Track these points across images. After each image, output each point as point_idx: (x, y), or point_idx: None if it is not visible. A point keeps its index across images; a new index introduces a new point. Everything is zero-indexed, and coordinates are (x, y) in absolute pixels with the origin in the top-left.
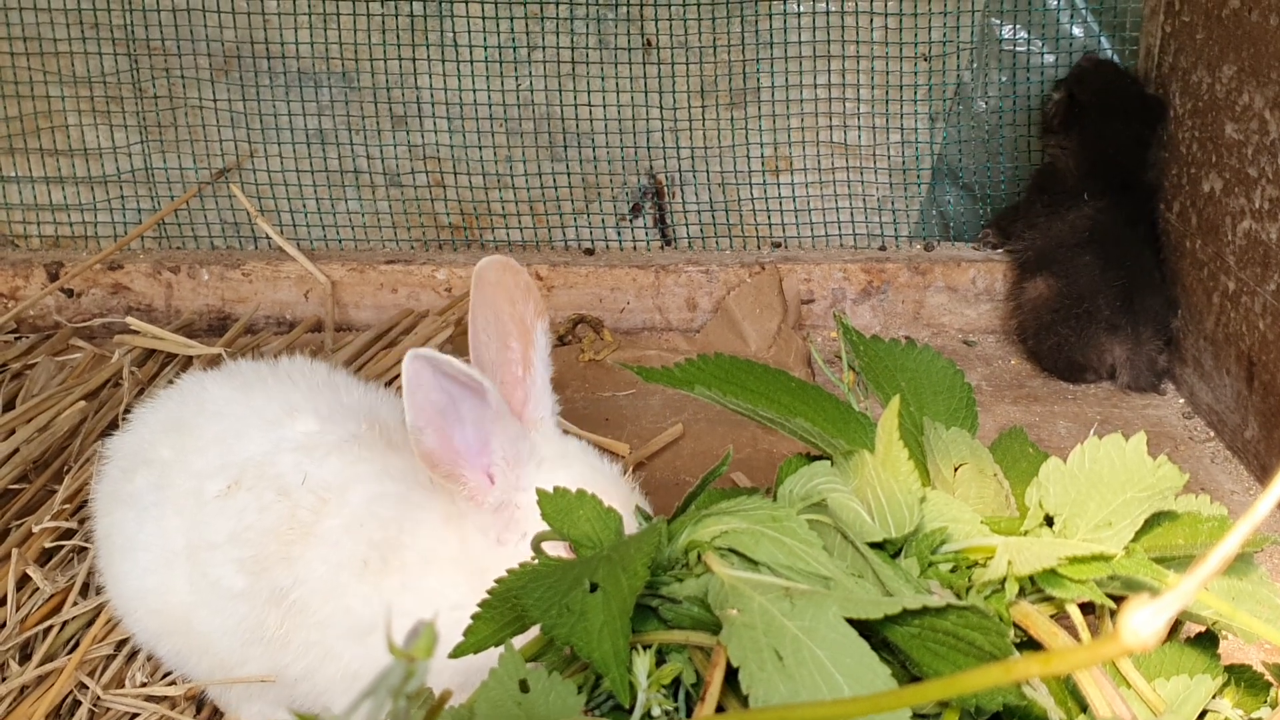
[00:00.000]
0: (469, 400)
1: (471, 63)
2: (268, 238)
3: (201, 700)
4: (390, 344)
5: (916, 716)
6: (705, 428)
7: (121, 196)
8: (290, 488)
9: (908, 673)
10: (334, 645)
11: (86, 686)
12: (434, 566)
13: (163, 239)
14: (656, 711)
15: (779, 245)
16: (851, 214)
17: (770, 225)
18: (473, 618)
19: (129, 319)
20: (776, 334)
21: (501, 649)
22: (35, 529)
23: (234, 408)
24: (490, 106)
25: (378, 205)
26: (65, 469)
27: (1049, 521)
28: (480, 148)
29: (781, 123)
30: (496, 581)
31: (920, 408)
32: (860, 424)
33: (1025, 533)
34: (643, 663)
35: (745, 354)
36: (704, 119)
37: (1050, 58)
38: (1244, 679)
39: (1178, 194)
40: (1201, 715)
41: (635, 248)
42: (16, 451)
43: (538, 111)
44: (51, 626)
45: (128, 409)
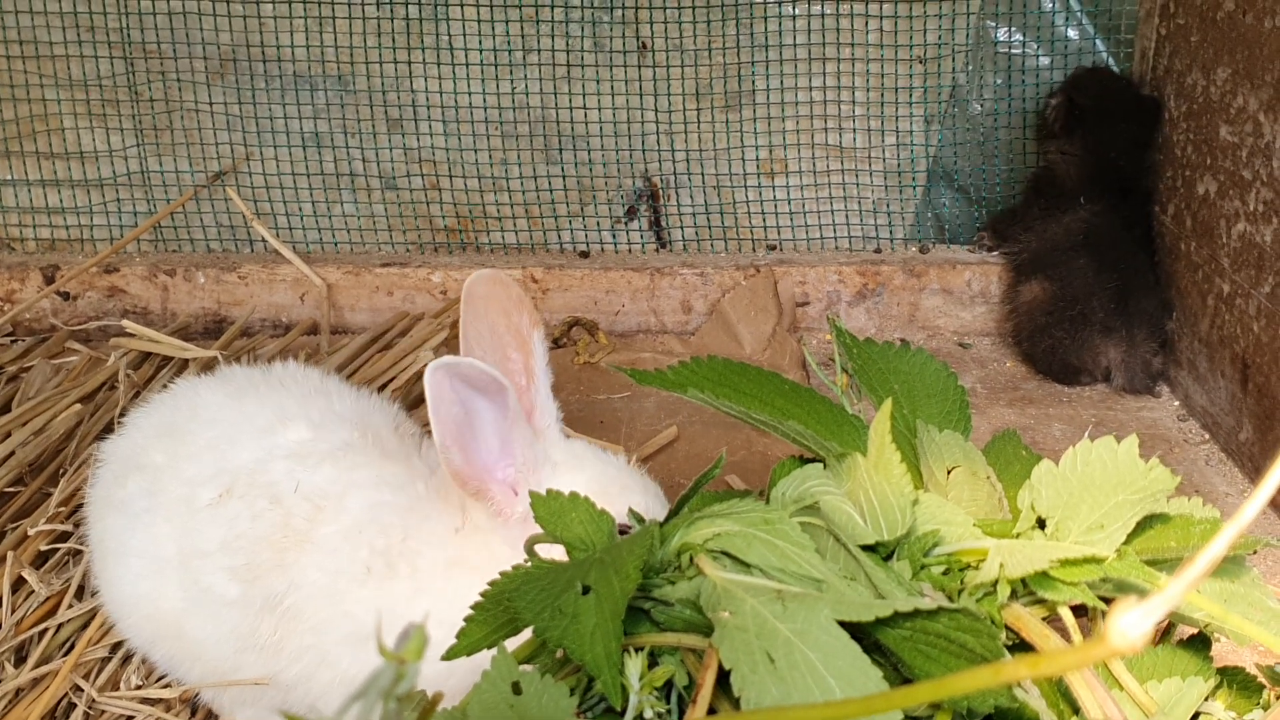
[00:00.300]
0: (486, 408)
1: (467, 65)
2: (263, 241)
3: (196, 703)
4: (385, 347)
5: (908, 719)
6: (700, 430)
7: (118, 199)
8: (283, 495)
9: (900, 675)
10: (330, 651)
11: (81, 689)
12: (453, 572)
13: (159, 242)
14: (649, 714)
15: (774, 248)
16: (847, 216)
17: (765, 228)
18: (465, 620)
19: (124, 322)
20: (771, 337)
21: (494, 651)
22: (31, 532)
23: (226, 414)
24: (485, 109)
25: (373, 208)
26: (61, 472)
27: (1041, 524)
28: (475, 150)
29: (776, 125)
30: (490, 584)
31: (914, 410)
32: (853, 427)
33: (1017, 535)
34: (634, 665)
35: (740, 357)
36: (699, 121)
37: (1045, 60)
38: (1237, 681)
39: (1173, 196)
40: (1194, 717)
41: (630, 250)
42: (12, 454)
43: (533, 114)
44: (47, 629)
45: (123, 412)
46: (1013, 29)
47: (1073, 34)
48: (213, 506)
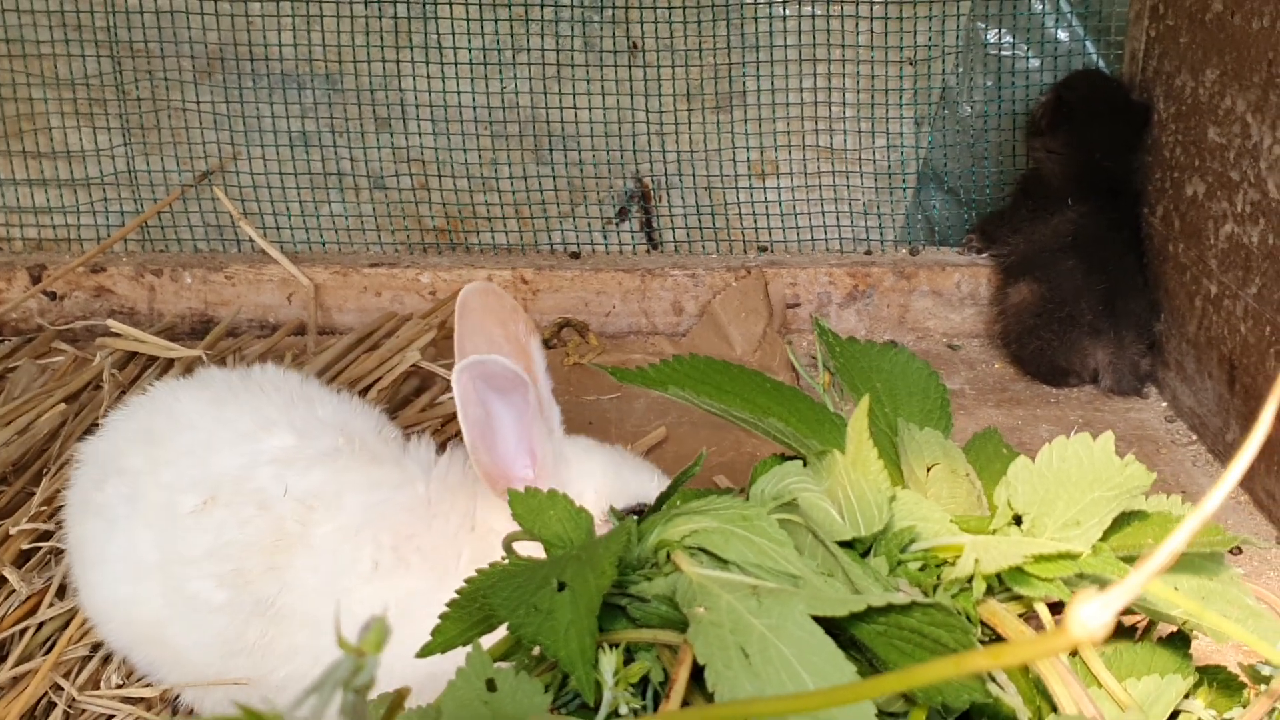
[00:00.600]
0: (504, 408)
1: (456, 65)
2: (251, 241)
3: (177, 704)
4: (372, 347)
5: (884, 715)
6: (689, 431)
7: (105, 199)
8: (271, 501)
9: (875, 670)
10: (327, 651)
11: (62, 688)
12: (473, 569)
13: (146, 242)
14: (624, 709)
15: (765, 249)
16: (837, 218)
17: (756, 229)
18: (441, 618)
19: (109, 321)
20: (762, 338)
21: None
22: (13, 531)
23: (206, 420)
24: (475, 109)
25: (361, 208)
26: (44, 471)
27: (1018, 520)
28: (465, 150)
29: (768, 126)
30: (466, 581)
31: (895, 409)
32: (835, 425)
33: (994, 532)
34: (609, 661)
35: (731, 358)
36: (690, 122)
37: (1035, 62)
38: (1219, 680)
39: (1161, 198)
40: (1174, 716)
41: (622, 251)
42: None
43: (523, 114)
44: (27, 628)
45: (108, 412)
46: (1003, 31)
47: (1063, 36)
48: (196, 514)
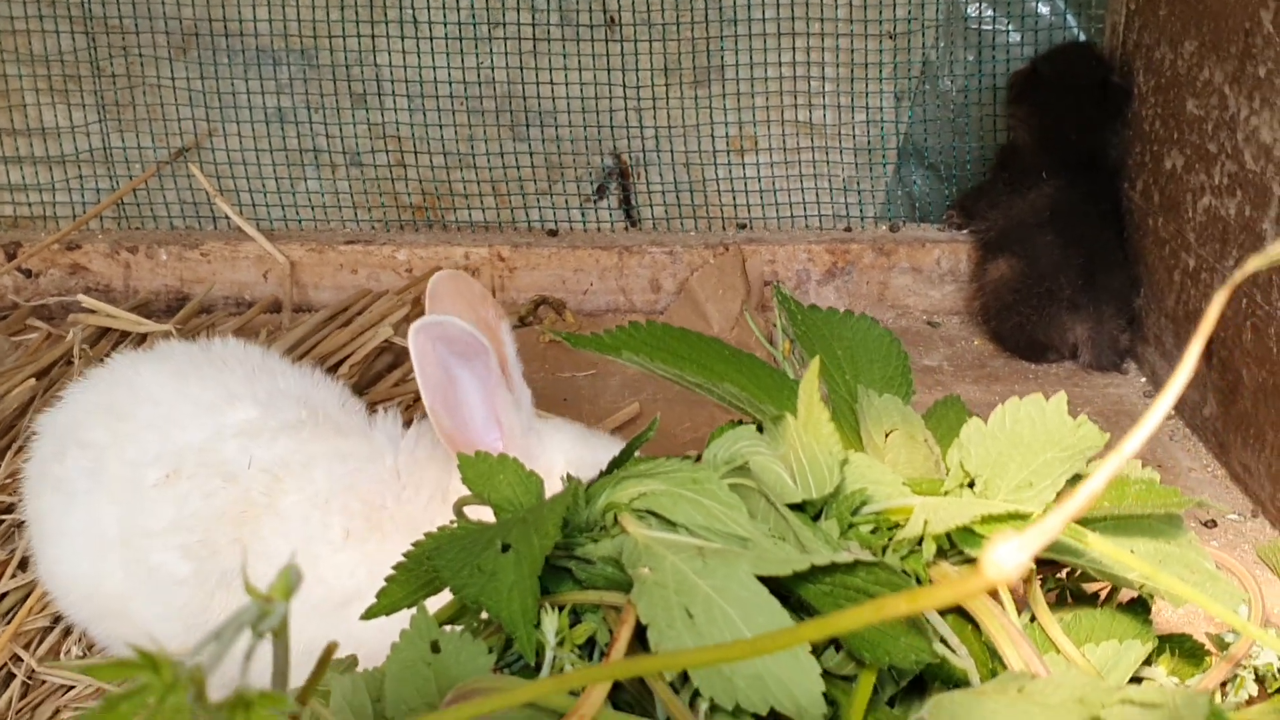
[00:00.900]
0: (468, 375)
1: (431, 40)
2: (227, 218)
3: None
4: (345, 323)
5: (834, 677)
6: (663, 407)
7: (80, 176)
8: (237, 473)
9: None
10: (296, 618)
11: (21, 659)
12: None
13: (121, 219)
14: (568, 670)
15: (744, 226)
16: (817, 194)
17: (735, 206)
18: (387, 580)
19: (81, 297)
20: (739, 315)
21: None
22: None
23: (167, 394)
24: (451, 85)
25: (338, 185)
26: (11, 446)
27: (972, 484)
28: (441, 126)
29: (746, 102)
30: (414, 544)
31: (856, 376)
32: (793, 390)
33: (946, 494)
34: (552, 621)
35: (708, 335)
36: (668, 98)
37: (1017, 36)
38: (1183, 648)
39: (1141, 172)
40: (1136, 682)
41: (600, 229)
42: None
43: (499, 90)
44: None
45: None
46: (984, 4)
47: (1044, 10)
48: (160, 487)
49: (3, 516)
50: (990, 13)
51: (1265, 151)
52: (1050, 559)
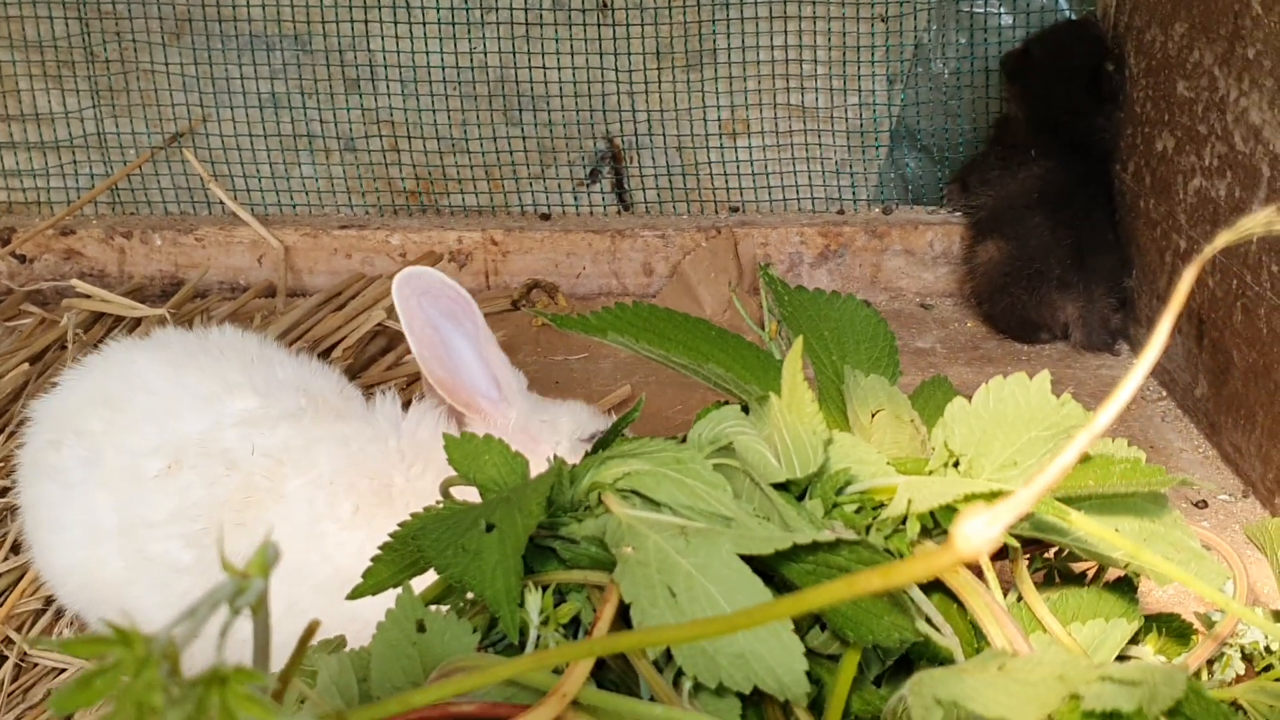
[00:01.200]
0: (458, 334)
1: (425, 25)
2: (221, 203)
3: None
4: (339, 307)
5: (819, 657)
6: (655, 390)
7: (74, 161)
8: (239, 460)
9: (808, 613)
10: (302, 599)
11: (13, 641)
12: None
13: (115, 204)
14: (553, 648)
15: (736, 209)
16: (810, 177)
17: (728, 189)
18: (373, 560)
19: (75, 281)
20: (732, 298)
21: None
22: None
23: (165, 384)
24: (444, 70)
25: (331, 170)
26: (4, 430)
27: (958, 464)
28: (435, 111)
29: (739, 85)
30: (400, 525)
31: (843, 356)
32: (778, 371)
33: (930, 473)
34: (535, 600)
35: (701, 318)
36: (660, 82)
37: (1009, 19)
38: (1171, 628)
39: (1132, 154)
40: (1123, 661)
41: (593, 213)
42: None
43: (493, 75)
44: None
45: None
46: None
47: None
48: (161, 478)
49: None
50: None
51: (1255, 133)
52: (1036, 538)
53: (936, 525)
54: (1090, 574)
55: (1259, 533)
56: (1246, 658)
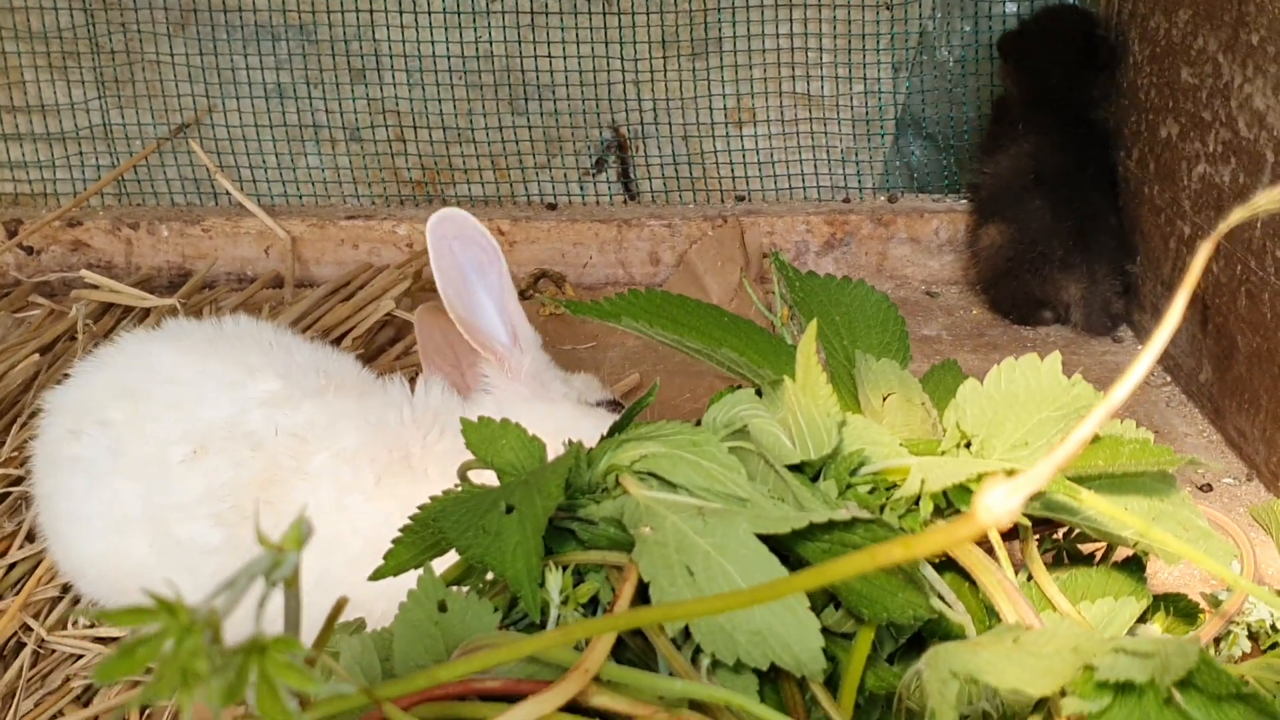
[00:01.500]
0: (481, 282)
1: (430, 15)
2: (227, 194)
3: None
4: (347, 297)
5: (834, 635)
6: (663, 378)
7: (80, 153)
8: (264, 440)
9: (823, 590)
10: (331, 571)
11: (31, 628)
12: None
13: (122, 195)
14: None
15: (742, 198)
16: (815, 166)
17: (734, 178)
18: (394, 542)
19: (84, 272)
20: (739, 287)
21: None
22: None
23: (187, 373)
24: (450, 59)
25: (338, 160)
26: (16, 421)
27: (969, 444)
28: (440, 101)
29: (744, 73)
30: (420, 508)
31: (854, 341)
32: (790, 355)
33: (943, 454)
34: (556, 580)
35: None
36: (666, 71)
37: (1013, 6)
38: (1178, 607)
39: (1136, 141)
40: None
41: (599, 202)
42: None
43: (498, 64)
44: None
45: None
46: None
47: None
48: (187, 463)
49: (9, 490)
50: None
51: (1259, 119)
52: (1047, 518)
53: (949, 505)
54: (1098, 555)
55: (1264, 514)
56: (1252, 635)
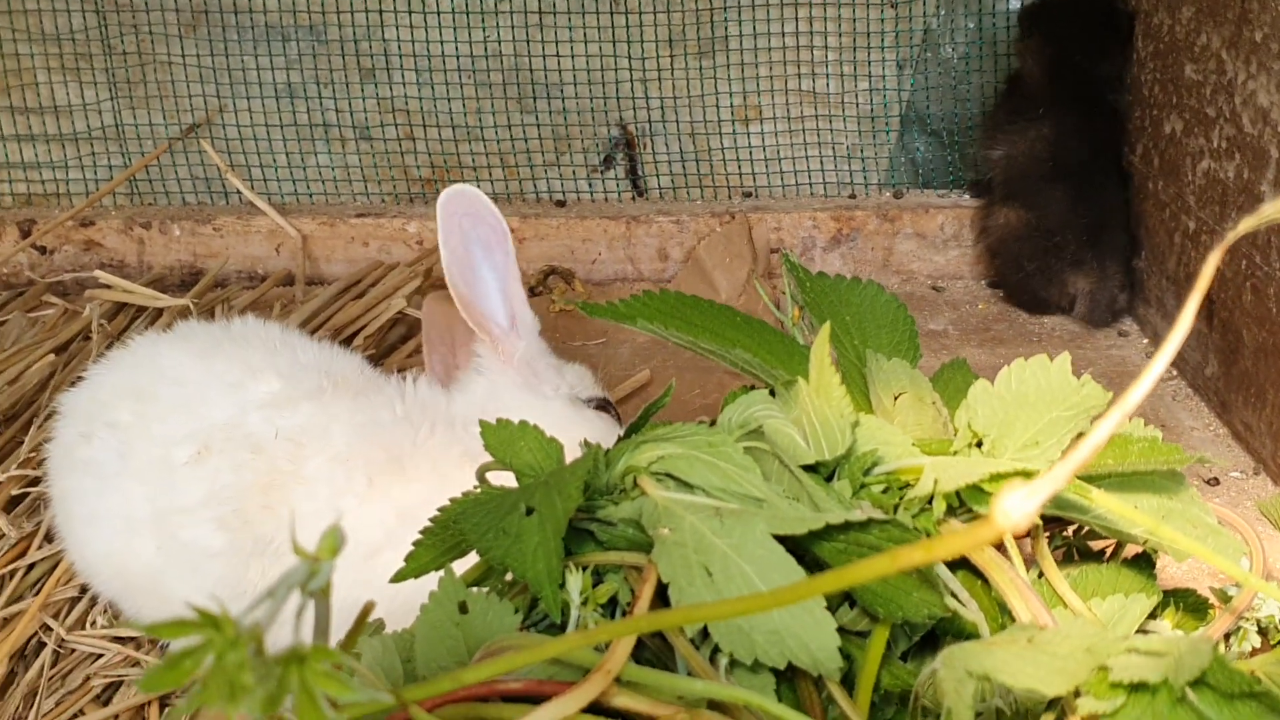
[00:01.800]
0: (486, 261)
1: (439, 14)
2: (238, 193)
3: (166, 642)
4: (358, 296)
5: (849, 634)
6: (674, 374)
7: (93, 153)
8: (263, 443)
9: (841, 590)
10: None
11: (51, 628)
12: (466, 463)
13: (134, 195)
14: (591, 627)
15: (749, 195)
16: (821, 162)
17: (741, 175)
18: (414, 544)
19: (97, 272)
20: (746, 282)
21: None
22: (2, 478)
23: (194, 374)
24: (459, 59)
25: (348, 159)
26: (34, 420)
27: (980, 444)
28: (449, 100)
29: (750, 71)
30: (440, 510)
31: (864, 341)
32: (803, 356)
33: (955, 453)
34: (576, 581)
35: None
36: (673, 69)
37: (1017, 3)
38: (1187, 603)
39: (1141, 136)
40: (1142, 634)
41: (607, 199)
42: None
43: (506, 63)
44: (16, 570)
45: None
46: None
47: None
48: (190, 465)
49: (27, 490)
50: None
51: (1262, 115)
52: (1057, 516)
53: (961, 505)
54: (1108, 551)
55: (1272, 508)
56: (1262, 631)
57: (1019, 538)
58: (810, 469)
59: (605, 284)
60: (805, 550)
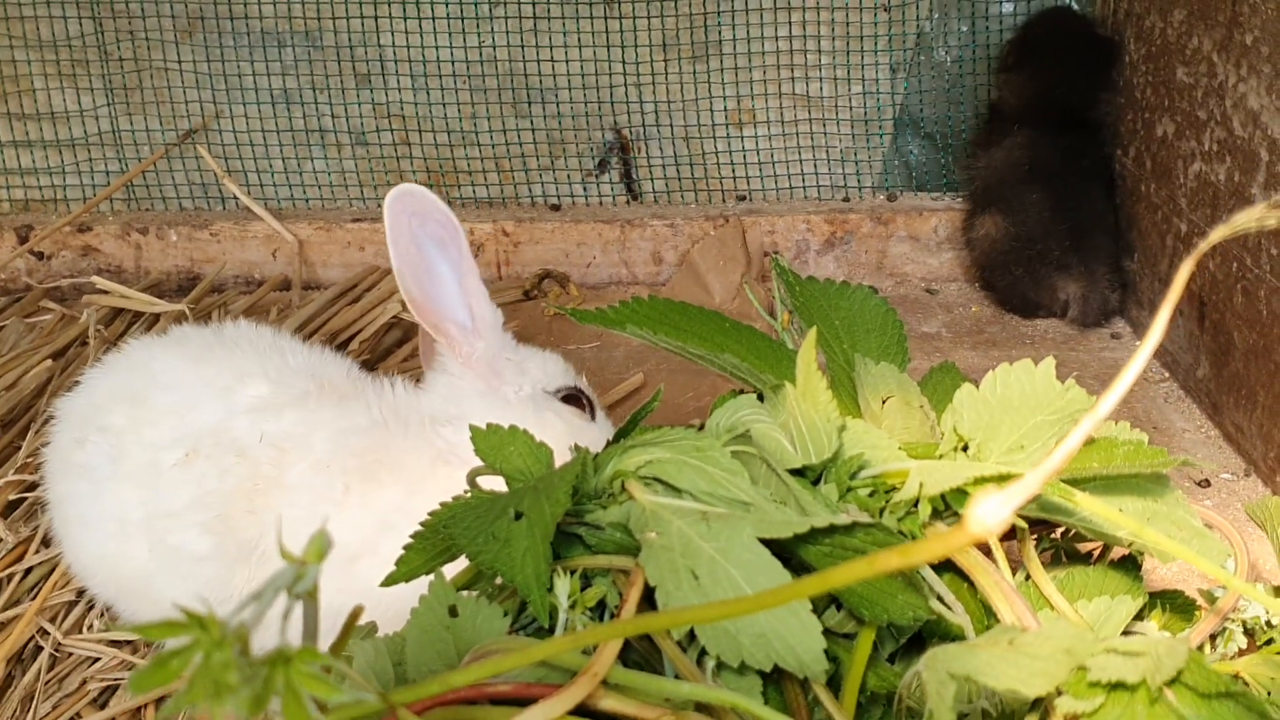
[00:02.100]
0: (443, 261)
1: (434, 19)
2: (235, 198)
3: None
4: (354, 300)
5: (836, 636)
6: (667, 377)
7: (90, 159)
8: (248, 448)
9: (825, 592)
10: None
11: (48, 632)
12: (439, 468)
13: (131, 201)
14: (579, 631)
15: (743, 198)
16: (815, 166)
17: (735, 178)
18: (405, 548)
19: (95, 278)
20: (740, 286)
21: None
22: (0, 483)
23: (185, 378)
24: (454, 63)
25: (344, 164)
26: (31, 425)
27: (966, 448)
28: (445, 105)
29: (744, 75)
30: (430, 514)
31: (853, 345)
32: (792, 360)
33: (940, 457)
34: (564, 585)
35: (710, 306)
36: (667, 73)
37: (1009, 6)
38: (1174, 604)
39: (1133, 139)
40: (1128, 636)
41: (601, 203)
42: None
43: (501, 68)
44: (13, 574)
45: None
46: None
47: None
48: (178, 468)
49: (24, 495)
50: None
51: (1253, 118)
52: (1043, 519)
53: (947, 508)
54: (1095, 553)
55: (1259, 510)
56: (1248, 632)
57: (1007, 540)
58: (797, 473)
59: (600, 287)
60: (792, 554)
